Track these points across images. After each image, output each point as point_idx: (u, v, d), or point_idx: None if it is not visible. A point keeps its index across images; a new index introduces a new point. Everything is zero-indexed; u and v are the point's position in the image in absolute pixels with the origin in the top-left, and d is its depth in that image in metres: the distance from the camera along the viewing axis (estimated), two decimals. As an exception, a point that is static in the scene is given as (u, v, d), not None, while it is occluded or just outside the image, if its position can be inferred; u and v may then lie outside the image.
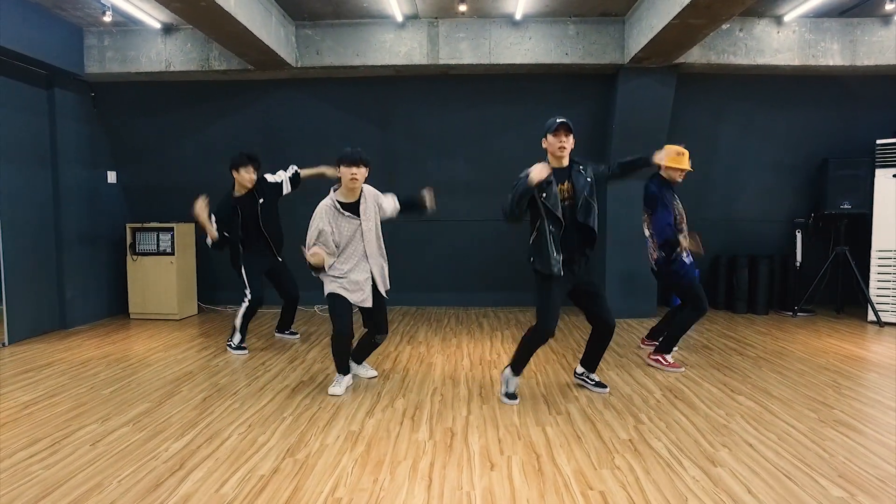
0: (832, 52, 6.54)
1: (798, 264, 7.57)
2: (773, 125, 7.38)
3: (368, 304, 4.36)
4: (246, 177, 5.51)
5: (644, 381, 4.65)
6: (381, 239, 4.47)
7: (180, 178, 7.63)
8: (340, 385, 4.38)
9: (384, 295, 4.48)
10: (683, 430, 3.60)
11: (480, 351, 5.63)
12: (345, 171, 4.16)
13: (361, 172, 4.22)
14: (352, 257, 4.32)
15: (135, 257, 7.21)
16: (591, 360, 4.44)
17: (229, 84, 7.13)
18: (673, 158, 4.76)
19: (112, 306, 7.40)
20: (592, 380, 4.46)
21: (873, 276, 6.91)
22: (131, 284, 7.26)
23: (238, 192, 5.63)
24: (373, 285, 4.39)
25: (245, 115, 7.35)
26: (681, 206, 5.16)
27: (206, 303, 8.01)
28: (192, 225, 7.52)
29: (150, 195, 7.71)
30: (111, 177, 7.47)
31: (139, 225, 7.23)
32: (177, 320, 7.19)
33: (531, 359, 4.29)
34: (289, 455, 3.26)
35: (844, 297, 7.48)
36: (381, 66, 6.66)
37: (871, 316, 6.85)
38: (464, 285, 7.97)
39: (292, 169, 5.81)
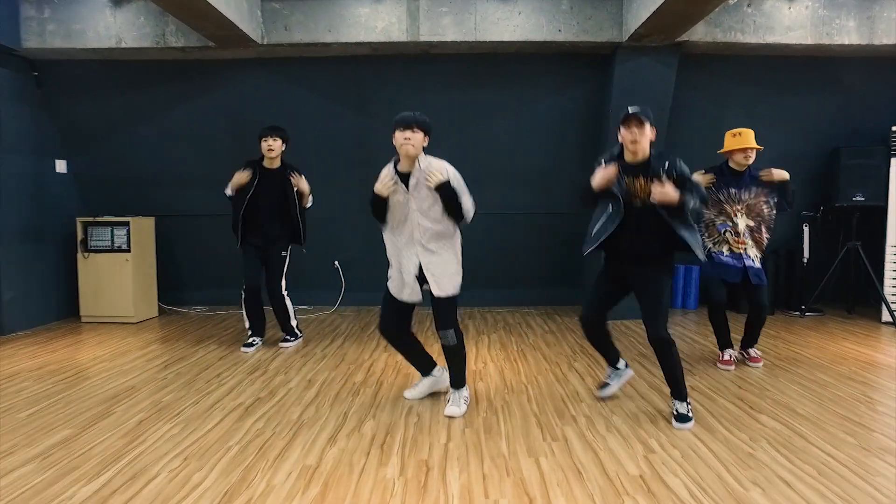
0: (848, 30, 5.99)
1: (805, 260, 7.05)
2: (781, 111, 6.83)
3: (415, 298, 3.78)
4: (263, 145, 5.23)
5: (649, 394, 4.09)
6: (445, 226, 3.75)
7: (138, 167, 7.00)
8: (416, 388, 4.08)
9: (440, 296, 3.71)
10: (703, 460, 3.03)
11: (464, 359, 5.04)
12: (397, 136, 3.55)
13: (417, 138, 3.55)
14: (400, 239, 3.74)
15: (86, 254, 6.55)
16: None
17: (190, 64, 6.47)
18: (728, 141, 4.73)
19: (61, 309, 6.73)
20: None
21: (888, 274, 6.40)
22: (82, 284, 6.60)
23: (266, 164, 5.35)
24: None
25: (209, 99, 6.70)
26: (747, 195, 4.74)
27: (169, 304, 7.38)
28: (152, 220, 6.90)
29: (105, 186, 7.06)
30: (60, 165, 6.79)
31: (91, 219, 6.57)
32: (133, 324, 6.56)
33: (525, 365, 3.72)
34: (225, 500, 2.66)
35: (856, 297, 6.98)
36: (357, 44, 6.04)
37: (885, 316, 6.35)
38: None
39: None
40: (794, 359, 5.01)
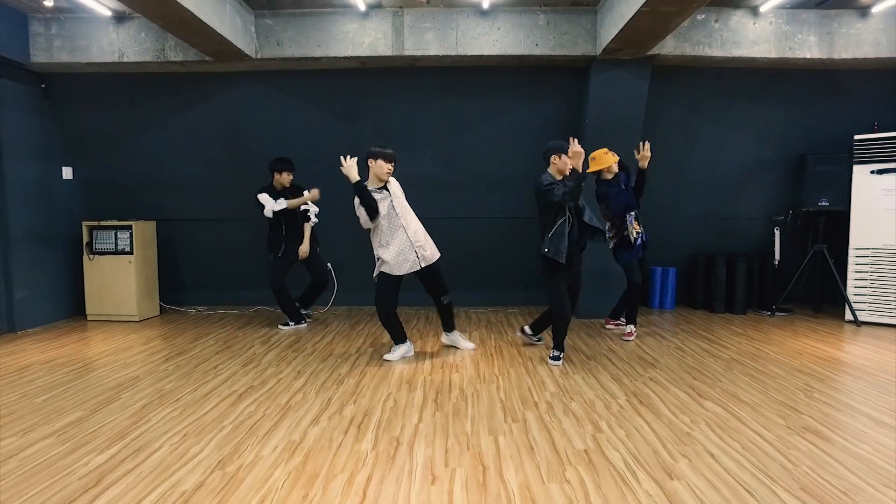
0: (809, 45, 6.37)
1: (776, 263, 7.41)
2: (751, 120, 7.21)
3: (417, 267, 5.00)
4: (287, 178, 6.29)
5: (610, 385, 4.45)
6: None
7: (140, 174, 7.39)
8: (396, 351, 5.22)
9: (433, 263, 5.17)
10: (644, 438, 3.40)
11: (444, 354, 5.41)
12: (382, 165, 4.87)
13: (393, 168, 4.98)
14: (390, 230, 4.92)
15: (91, 256, 6.93)
16: (541, 327, 5.59)
17: (189, 76, 6.87)
18: (602, 160, 5.72)
19: (68, 308, 7.13)
20: (529, 333, 5.66)
21: (850, 275, 6.75)
22: (88, 285, 6.98)
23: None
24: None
25: (207, 109, 7.09)
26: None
27: (170, 303, 7.75)
28: (153, 223, 7.28)
29: (109, 192, 7.45)
30: (67, 172, 7.19)
31: (95, 223, 6.95)
32: (136, 322, 6.93)
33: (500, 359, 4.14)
34: (219, 468, 3.03)
35: (823, 297, 7.33)
36: (345, 58, 6.43)
37: (848, 315, 6.70)
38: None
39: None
40: (754, 354, 5.35)
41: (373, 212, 4.83)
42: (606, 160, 5.65)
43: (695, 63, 6.64)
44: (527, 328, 5.69)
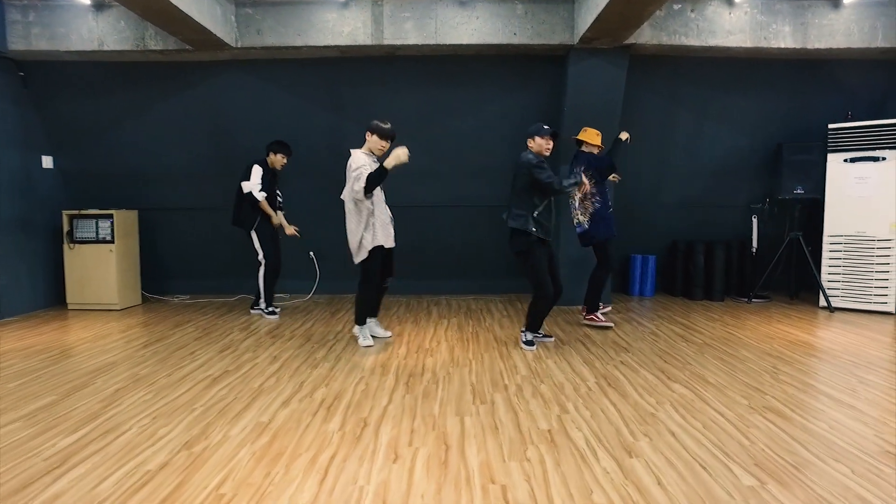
0: (784, 35, 6.43)
1: (754, 250, 7.50)
2: (729, 109, 7.26)
3: (392, 242, 5.15)
4: (279, 160, 6.44)
5: (581, 369, 4.52)
6: None
7: (121, 163, 7.39)
8: (365, 335, 5.26)
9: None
10: (608, 419, 3.47)
11: (420, 339, 5.47)
12: (377, 141, 4.94)
13: (388, 146, 5.04)
14: (380, 203, 5.02)
15: (72, 245, 6.94)
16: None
17: (170, 65, 6.86)
18: (592, 137, 5.82)
19: (48, 297, 7.14)
20: (539, 334, 5.33)
21: (825, 262, 6.84)
22: (69, 274, 6.99)
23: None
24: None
25: (188, 98, 7.09)
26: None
27: (152, 292, 7.78)
28: (135, 213, 7.29)
29: (90, 180, 7.45)
30: (46, 161, 7.18)
31: (76, 212, 6.95)
32: (117, 311, 6.95)
33: (476, 344, 4.23)
34: (185, 448, 3.08)
35: (799, 283, 7.43)
36: (325, 47, 6.44)
37: (822, 301, 6.80)
38: (416, 273, 7.79)
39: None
40: (727, 339, 5.43)
41: (372, 188, 4.83)
42: (596, 140, 5.82)
43: (672, 52, 6.68)
44: (527, 335, 5.23)
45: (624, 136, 5.72)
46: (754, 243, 7.50)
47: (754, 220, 7.46)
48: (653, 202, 7.67)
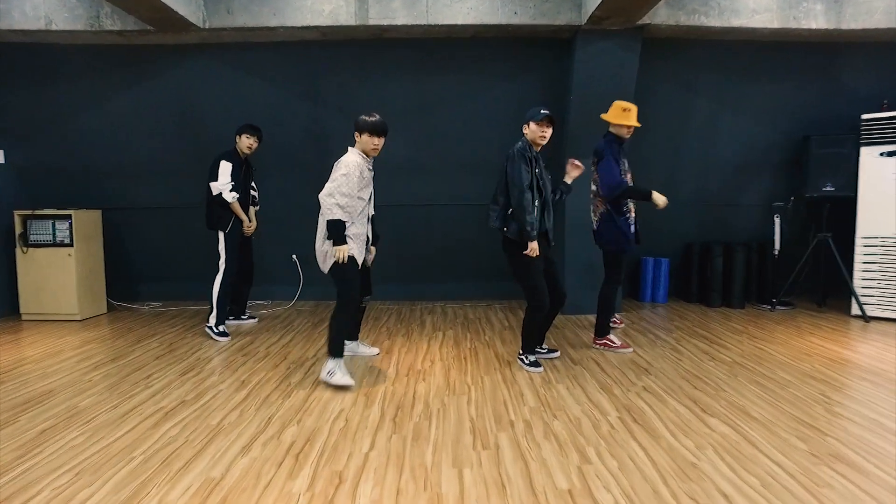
0: (815, 14, 5.78)
1: (776, 252, 6.85)
2: (749, 98, 6.62)
3: (368, 259, 4.44)
4: (245, 142, 5.54)
5: (598, 398, 3.86)
6: None
7: (82, 157, 6.71)
8: (344, 371, 4.10)
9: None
10: (640, 471, 2.81)
11: (412, 358, 4.81)
12: (369, 140, 4.09)
13: (382, 142, 4.18)
14: (363, 214, 4.20)
15: (25, 249, 6.24)
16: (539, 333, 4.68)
17: (132, 49, 6.16)
18: (619, 115, 4.76)
19: (0, 306, 6.43)
20: (543, 349, 4.76)
21: (857, 266, 6.20)
22: (22, 281, 6.29)
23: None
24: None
25: (155, 86, 6.40)
26: (628, 166, 4.95)
27: (120, 300, 7.10)
28: (98, 212, 6.59)
29: (47, 178, 6.75)
30: (-3, 156, 6.48)
31: (29, 212, 6.25)
32: (78, 321, 6.27)
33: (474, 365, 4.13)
34: (107, 521, 2.41)
35: (827, 289, 6.79)
36: (304, 28, 5.75)
37: (855, 309, 6.17)
38: (407, 278, 7.14)
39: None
40: (758, 357, 4.80)
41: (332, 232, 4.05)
42: (624, 118, 4.74)
43: (689, 35, 6.03)
44: (528, 357, 4.52)
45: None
46: (776, 245, 6.85)
47: (777, 220, 6.80)
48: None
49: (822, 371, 4.37)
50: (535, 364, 4.46)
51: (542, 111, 4.25)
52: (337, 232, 3.99)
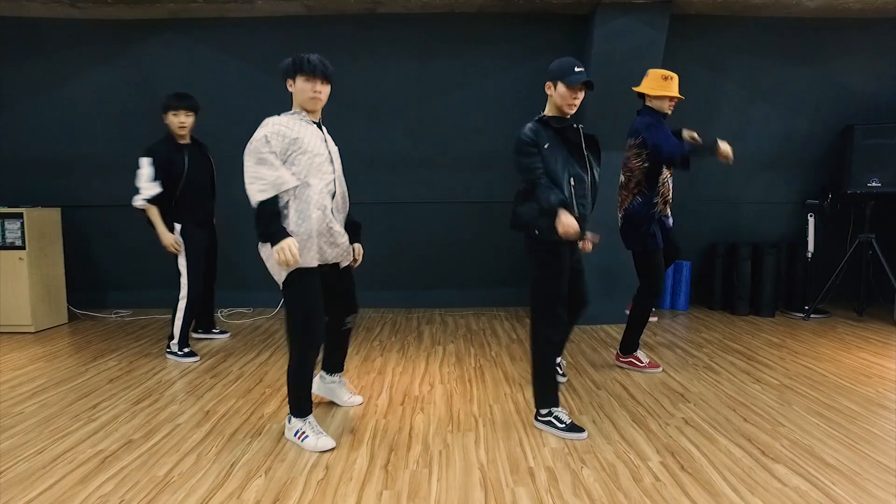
0: (868, -15, 5.12)
1: (810, 255, 6.19)
2: (786, 82, 5.98)
3: (346, 259, 3.22)
4: (174, 121, 4.53)
5: (633, 435, 3.18)
6: None
7: (37, 149, 6.03)
8: (317, 430, 3.05)
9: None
10: (706, 550, 2.13)
11: (408, 381, 4.13)
12: (303, 87, 2.95)
13: (326, 91, 3.02)
14: (318, 194, 2.95)
15: (-29, 252, 5.55)
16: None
17: (92, 25, 5.48)
18: (659, 85, 4.08)
19: (-56, 315, 5.73)
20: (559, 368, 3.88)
21: (906, 271, 5.56)
22: (-32, 287, 5.60)
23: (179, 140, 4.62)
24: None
25: (117, 67, 5.72)
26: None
27: (84, 308, 6.40)
28: (57, 210, 5.90)
29: (-1, 172, 6.06)
30: (-61, 147, 5.77)
31: (-25, 210, 5.57)
32: (31, 334, 5.57)
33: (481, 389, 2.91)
34: None
35: (867, 296, 6.15)
36: (286, 1, 5.08)
37: (902, 319, 5.53)
38: (403, 283, 6.48)
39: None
40: (807, 377, 4.15)
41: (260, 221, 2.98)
42: (664, 88, 4.08)
43: (723, 10, 5.38)
44: (542, 411, 3.30)
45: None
46: (810, 247, 6.18)
47: (811, 220, 6.14)
48: (689, 197, 6.32)
49: (889, 397, 3.72)
50: (564, 425, 3.18)
51: (576, 70, 3.11)
52: (266, 221, 2.89)
